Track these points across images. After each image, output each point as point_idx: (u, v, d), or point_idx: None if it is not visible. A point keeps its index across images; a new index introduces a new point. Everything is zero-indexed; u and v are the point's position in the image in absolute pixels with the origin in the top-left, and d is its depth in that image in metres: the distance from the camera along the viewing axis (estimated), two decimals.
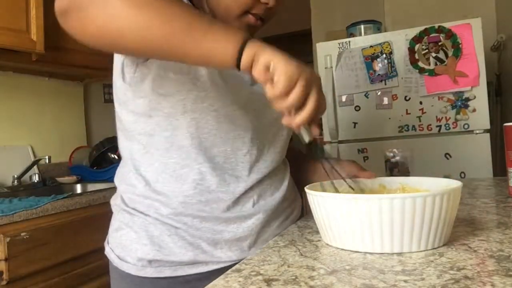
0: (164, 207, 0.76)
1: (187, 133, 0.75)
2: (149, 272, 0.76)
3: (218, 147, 0.77)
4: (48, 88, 2.37)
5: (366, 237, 0.60)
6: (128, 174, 0.80)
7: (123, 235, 0.79)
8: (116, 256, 0.80)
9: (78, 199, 1.63)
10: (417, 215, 0.58)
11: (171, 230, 0.76)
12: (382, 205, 0.57)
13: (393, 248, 0.59)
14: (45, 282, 1.47)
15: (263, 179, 0.81)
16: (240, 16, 0.75)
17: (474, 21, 2.12)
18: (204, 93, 0.74)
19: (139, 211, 0.78)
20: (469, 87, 2.12)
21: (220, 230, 0.77)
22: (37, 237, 1.44)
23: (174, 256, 0.75)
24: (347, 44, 2.31)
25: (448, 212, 0.60)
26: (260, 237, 0.79)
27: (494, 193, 1.08)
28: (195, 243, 0.76)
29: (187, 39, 0.57)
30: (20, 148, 2.17)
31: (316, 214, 0.67)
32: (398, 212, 0.57)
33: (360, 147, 2.32)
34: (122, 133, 0.82)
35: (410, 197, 0.57)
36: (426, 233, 0.59)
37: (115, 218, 0.83)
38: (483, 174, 2.08)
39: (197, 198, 0.76)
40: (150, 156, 0.78)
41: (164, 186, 0.76)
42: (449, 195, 0.59)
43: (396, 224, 0.58)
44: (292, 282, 0.51)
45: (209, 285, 0.53)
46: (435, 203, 0.58)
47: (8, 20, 1.72)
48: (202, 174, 0.76)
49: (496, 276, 0.48)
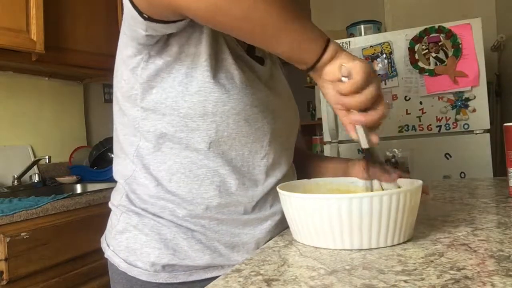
0: (180, 209, 0.73)
1: (206, 136, 0.71)
2: (163, 277, 0.73)
3: (236, 151, 0.74)
4: (48, 88, 2.37)
5: (328, 234, 0.63)
6: (134, 173, 0.76)
7: (130, 238, 0.75)
8: (122, 260, 0.75)
9: (78, 199, 1.63)
10: (374, 213, 0.60)
11: (187, 233, 0.73)
12: (341, 205, 0.60)
13: (353, 245, 0.62)
14: (45, 282, 1.47)
15: (277, 182, 0.80)
16: None
17: (474, 21, 2.12)
18: (226, 95, 0.70)
19: (150, 213, 0.75)
20: (469, 87, 2.12)
21: (238, 232, 0.75)
22: (37, 237, 1.44)
23: (189, 260, 0.73)
24: (347, 44, 2.31)
25: (400, 211, 0.62)
26: (274, 237, 0.79)
27: (494, 193, 1.08)
28: (212, 246, 0.74)
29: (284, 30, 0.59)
30: (20, 148, 2.17)
31: (286, 213, 0.70)
32: (356, 211, 0.60)
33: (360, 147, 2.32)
34: (127, 128, 0.76)
35: (358, 197, 0.60)
36: (384, 231, 0.61)
37: (119, 219, 0.78)
38: (483, 174, 2.08)
39: (217, 201, 0.73)
40: (161, 154, 0.73)
41: (179, 187, 0.73)
42: (398, 196, 0.61)
43: (355, 222, 0.61)
44: (292, 282, 0.51)
45: (209, 285, 0.53)
46: (383, 203, 0.60)
47: (8, 20, 1.72)
48: (221, 176, 0.73)
49: (496, 276, 0.48)
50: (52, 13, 1.95)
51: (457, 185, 1.25)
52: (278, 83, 0.86)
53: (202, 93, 0.69)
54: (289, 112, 0.85)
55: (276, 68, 0.89)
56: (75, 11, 2.10)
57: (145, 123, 0.73)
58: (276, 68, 0.89)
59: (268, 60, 0.86)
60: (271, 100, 0.78)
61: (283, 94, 0.85)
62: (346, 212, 0.60)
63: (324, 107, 2.35)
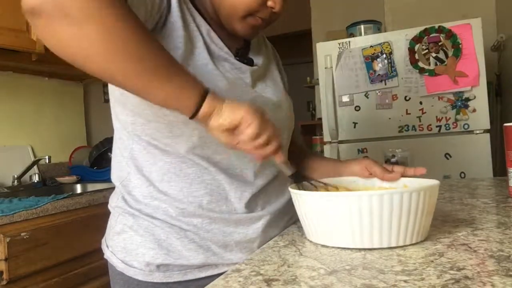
0: (173, 208, 0.74)
1: (190, 141, 0.72)
2: (158, 277, 0.74)
3: (220, 155, 0.75)
4: (48, 88, 2.37)
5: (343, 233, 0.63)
6: (129, 176, 0.78)
7: (127, 239, 0.76)
8: (120, 261, 0.77)
9: (78, 199, 1.63)
10: (385, 211, 0.60)
11: (180, 233, 0.74)
12: (351, 203, 0.60)
13: (363, 244, 0.62)
14: (45, 282, 1.47)
15: (268, 183, 0.80)
16: (244, 17, 0.74)
17: (474, 21, 2.12)
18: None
19: (144, 213, 0.76)
20: (469, 87, 2.12)
21: (231, 231, 0.76)
22: (37, 237, 1.43)
23: (184, 259, 0.74)
24: (347, 44, 2.31)
25: (420, 209, 0.62)
26: (268, 237, 0.79)
27: (494, 193, 1.08)
28: (205, 246, 0.75)
29: (151, 82, 0.57)
30: (20, 148, 2.17)
31: (298, 211, 0.71)
32: (366, 208, 0.60)
33: (360, 147, 2.32)
34: (122, 132, 0.79)
35: (377, 194, 0.59)
36: (396, 229, 0.61)
37: (116, 220, 0.80)
38: (483, 174, 2.08)
39: (208, 199, 0.74)
40: (152, 156, 0.75)
41: (171, 186, 0.74)
42: (422, 193, 0.61)
43: (365, 220, 0.60)
44: (292, 282, 0.51)
45: (209, 285, 0.53)
46: (410, 199, 0.60)
47: (8, 20, 1.72)
48: (211, 175, 0.74)
49: (496, 276, 0.48)
50: None
51: (457, 185, 1.25)
52: (270, 83, 0.86)
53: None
54: (279, 113, 0.85)
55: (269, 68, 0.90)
56: None
57: (134, 127, 0.75)
58: (269, 68, 0.89)
59: (260, 60, 0.86)
60: (258, 103, 0.78)
61: (274, 95, 0.85)
62: (366, 209, 0.60)
63: (324, 107, 2.35)
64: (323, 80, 2.33)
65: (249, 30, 0.76)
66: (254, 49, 0.88)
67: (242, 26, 0.75)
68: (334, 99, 2.32)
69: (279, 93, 0.87)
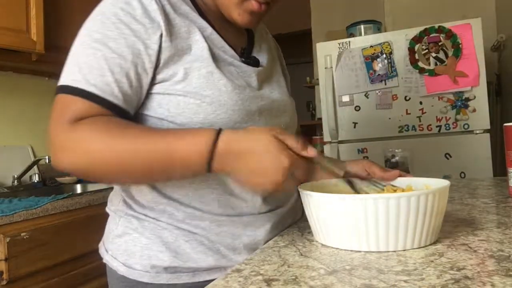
0: (179, 212, 0.73)
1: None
2: (165, 278, 0.72)
3: None
4: (48, 88, 2.36)
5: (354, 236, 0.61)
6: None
7: (129, 241, 0.74)
8: (121, 264, 0.74)
9: (78, 199, 1.63)
10: (402, 214, 0.58)
11: (188, 236, 0.73)
12: (367, 205, 0.59)
13: (379, 247, 0.60)
14: (45, 282, 1.47)
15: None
16: (241, 2, 0.72)
17: (474, 21, 2.12)
18: (211, 108, 0.70)
19: (150, 217, 0.74)
20: (469, 87, 2.13)
21: (240, 234, 0.75)
22: (37, 237, 1.43)
23: (192, 262, 0.73)
24: (347, 44, 2.31)
25: (434, 211, 0.61)
26: (271, 238, 0.78)
27: (494, 193, 1.08)
28: (214, 248, 0.73)
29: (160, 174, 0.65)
30: (20, 148, 2.17)
31: (308, 212, 0.69)
32: (383, 211, 0.59)
33: (360, 147, 2.32)
34: None
35: (395, 197, 0.58)
36: (411, 232, 0.60)
37: (117, 223, 0.77)
38: (483, 174, 2.08)
39: (214, 203, 0.73)
40: None
41: (175, 190, 0.73)
42: (434, 195, 0.60)
43: (381, 223, 0.59)
44: (292, 282, 0.51)
45: (209, 285, 0.53)
46: (420, 202, 0.59)
47: (8, 20, 1.72)
48: (218, 179, 0.73)
49: (496, 276, 0.48)
50: (52, 13, 1.95)
51: (457, 185, 1.25)
52: (275, 84, 0.85)
53: (186, 114, 0.70)
54: (282, 116, 0.84)
55: (274, 67, 0.89)
56: (75, 11, 2.10)
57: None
58: (274, 67, 0.89)
59: (265, 59, 0.85)
60: (263, 104, 0.77)
61: (279, 96, 0.84)
62: (383, 211, 0.59)
63: (324, 107, 2.35)
64: (323, 80, 2.33)
65: (247, 17, 0.73)
66: (258, 45, 0.86)
67: (239, 13, 0.73)
68: (334, 99, 2.32)
69: (284, 94, 0.86)
